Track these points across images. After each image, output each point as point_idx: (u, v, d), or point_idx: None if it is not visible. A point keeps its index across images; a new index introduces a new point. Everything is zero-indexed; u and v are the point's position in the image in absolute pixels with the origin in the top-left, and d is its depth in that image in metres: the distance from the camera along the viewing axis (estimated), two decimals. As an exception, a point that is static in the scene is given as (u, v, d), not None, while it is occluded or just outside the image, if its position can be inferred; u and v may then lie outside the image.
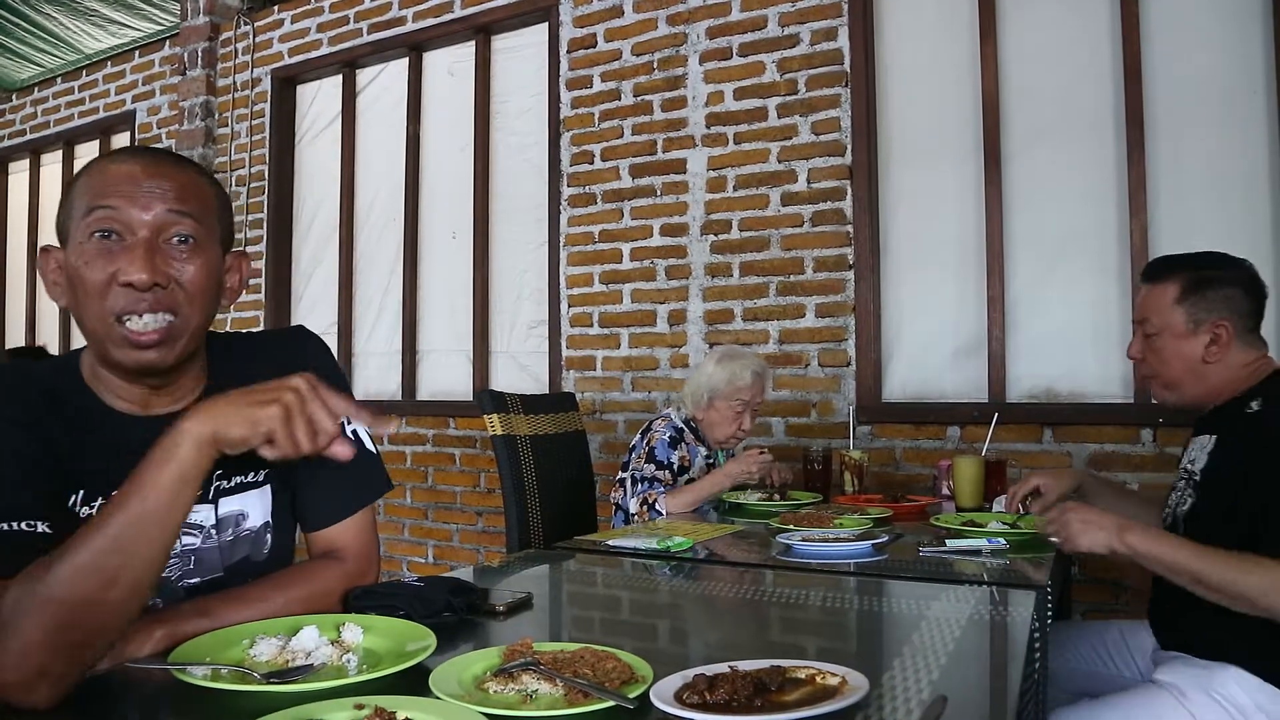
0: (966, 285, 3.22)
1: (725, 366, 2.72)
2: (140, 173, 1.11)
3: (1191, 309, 1.80)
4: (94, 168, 1.14)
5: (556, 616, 1.43)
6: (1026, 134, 3.15)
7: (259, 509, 1.27)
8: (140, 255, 1.08)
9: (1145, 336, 1.87)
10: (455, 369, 4.36)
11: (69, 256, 1.11)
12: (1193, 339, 1.80)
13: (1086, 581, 2.91)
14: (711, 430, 2.77)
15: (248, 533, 1.26)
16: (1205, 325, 1.79)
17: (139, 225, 1.09)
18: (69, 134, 5.83)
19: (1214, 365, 1.79)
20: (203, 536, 1.22)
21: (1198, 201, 2.89)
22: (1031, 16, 3.16)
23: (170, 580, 1.20)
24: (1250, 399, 1.73)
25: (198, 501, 1.19)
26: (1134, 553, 1.60)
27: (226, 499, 1.24)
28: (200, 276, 1.13)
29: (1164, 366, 1.85)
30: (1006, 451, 2.88)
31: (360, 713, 0.84)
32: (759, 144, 3.51)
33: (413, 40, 4.46)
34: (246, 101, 4.95)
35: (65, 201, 1.13)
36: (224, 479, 1.24)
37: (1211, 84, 2.88)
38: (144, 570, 0.95)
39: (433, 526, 4.31)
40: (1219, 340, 1.78)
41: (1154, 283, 1.88)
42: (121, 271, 1.07)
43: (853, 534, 1.91)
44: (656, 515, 2.51)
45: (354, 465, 1.30)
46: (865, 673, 0.92)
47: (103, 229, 1.08)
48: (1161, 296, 1.84)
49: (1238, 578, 1.50)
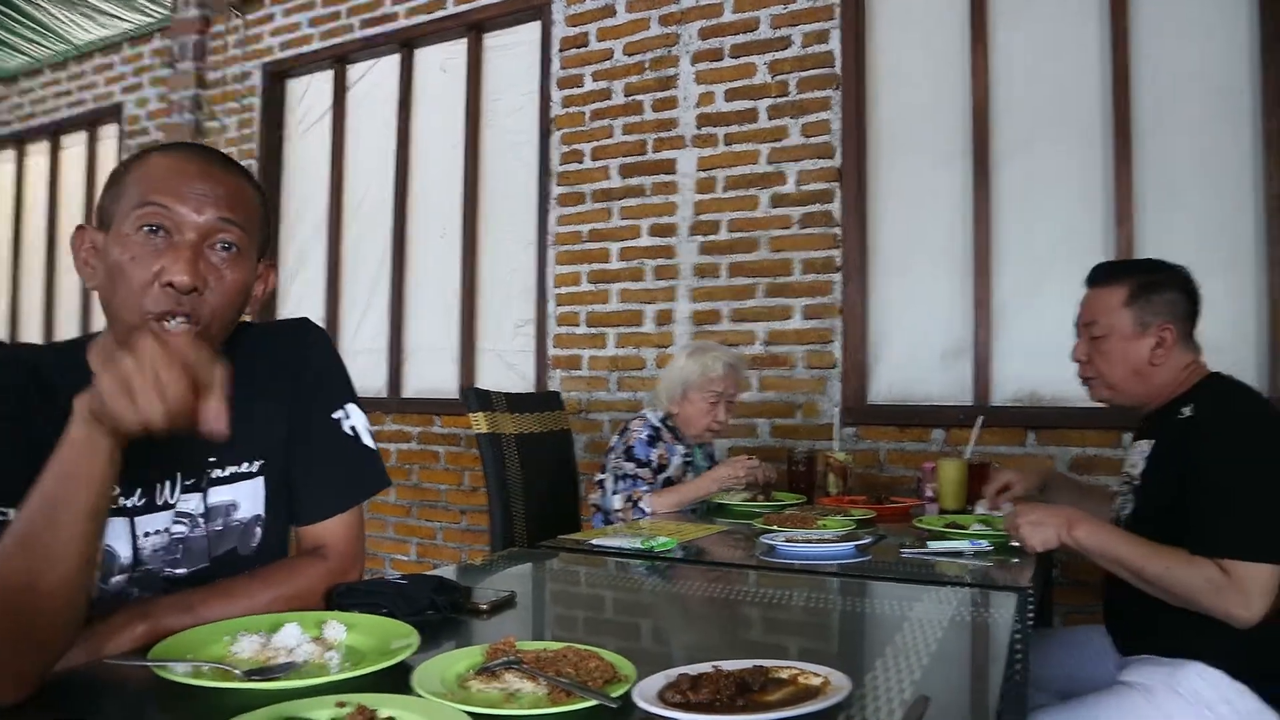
0: (953, 289, 3.23)
1: (696, 359, 2.74)
2: (195, 173, 1.12)
3: (1139, 312, 1.86)
4: (150, 160, 1.14)
5: (540, 615, 1.43)
6: (1015, 139, 3.16)
7: (250, 500, 1.26)
8: (186, 258, 1.08)
9: (1091, 339, 1.92)
10: (442, 367, 4.35)
11: (109, 242, 1.11)
12: (1139, 341, 1.85)
13: (1068, 584, 2.93)
14: (688, 425, 2.77)
15: (237, 524, 1.25)
16: (1152, 328, 1.85)
17: (188, 226, 1.10)
18: (56, 125, 5.78)
19: (1158, 368, 1.85)
20: (190, 525, 1.21)
21: (1184, 208, 2.91)
22: (1022, 23, 3.17)
23: (153, 571, 1.19)
24: (1183, 404, 1.79)
25: (190, 490, 1.20)
26: (1080, 546, 1.70)
27: (218, 488, 1.23)
28: (236, 285, 1.15)
29: (1109, 368, 1.90)
30: (990, 454, 2.90)
31: (342, 711, 0.83)
32: (749, 145, 3.52)
33: (404, 36, 4.45)
34: (236, 95, 4.93)
35: (113, 187, 1.13)
36: (218, 467, 1.22)
37: (1198, 92, 2.90)
38: (68, 553, 0.93)
39: (416, 524, 4.30)
40: (1164, 343, 1.84)
41: (1101, 286, 1.93)
42: (166, 271, 1.08)
43: (836, 535, 1.92)
44: (641, 514, 2.51)
45: (345, 462, 1.31)
46: (848, 673, 0.92)
47: (151, 224, 1.09)
48: (1108, 299, 1.89)
49: (1170, 572, 1.60)
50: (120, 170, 1.15)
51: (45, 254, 5.81)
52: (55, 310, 5.77)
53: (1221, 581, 1.55)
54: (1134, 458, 1.90)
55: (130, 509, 1.16)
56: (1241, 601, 1.54)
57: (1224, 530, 1.59)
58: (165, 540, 1.19)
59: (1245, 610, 1.54)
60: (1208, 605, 1.57)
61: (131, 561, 1.17)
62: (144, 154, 1.16)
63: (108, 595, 1.15)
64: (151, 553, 1.18)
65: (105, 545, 1.13)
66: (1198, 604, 1.58)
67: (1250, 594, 1.54)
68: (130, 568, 1.17)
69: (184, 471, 1.20)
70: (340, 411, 1.32)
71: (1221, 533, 1.59)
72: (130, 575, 1.17)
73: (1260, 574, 1.54)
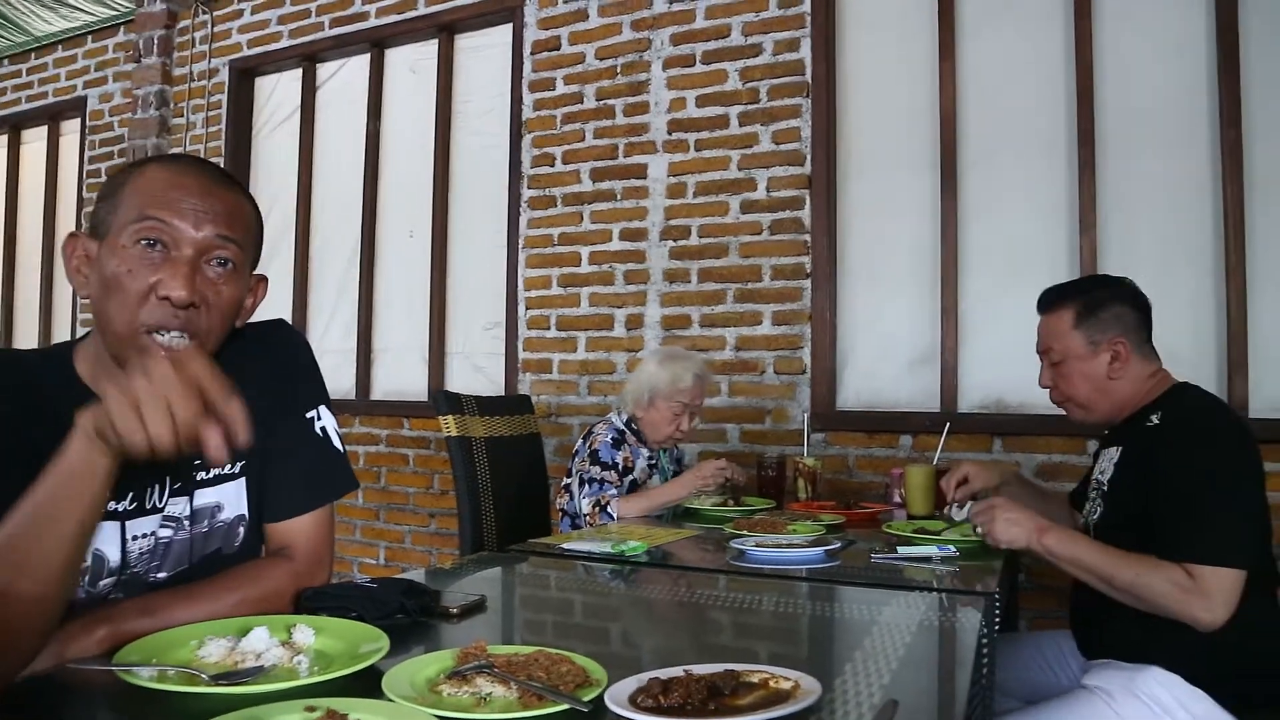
0: (921, 296, 3.27)
1: (667, 368, 2.74)
2: (194, 188, 1.13)
3: (1088, 331, 1.90)
4: (148, 172, 1.14)
5: (510, 619, 1.42)
6: (982, 149, 3.20)
7: (234, 501, 1.27)
8: (184, 273, 1.09)
9: (1051, 365, 1.97)
10: (410, 369, 4.32)
11: (104, 252, 1.11)
12: (1094, 359, 1.90)
13: (1033, 589, 2.97)
14: (652, 430, 2.78)
15: (221, 524, 1.26)
16: (1103, 344, 1.89)
17: (186, 242, 1.11)
18: (15, 118, 5.67)
19: (1118, 381, 1.89)
20: (175, 528, 1.21)
21: (1145, 218, 2.97)
22: (990, 36, 3.22)
23: (138, 574, 1.18)
24: (1151, 413, 1.83)
25: (177, 494, 1.20)
26: (1049, 553, 1.72)
27: (202, 490, 1.24)
28: (232, 301, 1.16)
29: (1074, 390, 1.94)
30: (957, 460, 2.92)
31: (312, 715, 0.83)
32: (720, 151, 3.54)
33: (375, 36, 4.42)
34: (203, 92, 4.87)
35: (110, 197, 1.13)
36: (202, 469, 1.23)
37: (1159, 106, 2.96)
38: (50, 565, 0.93)
39: (384, 528, 4.26)
40: (1119, 357, 1.88)
41: (1048, 312, 1.98)
42: (163, 285, 1.08)
43: (806, 540, 1.93)
44: (609, 518, 2.51)
45: (316, 462, 1.31)
46: (818, 677, 0.93)
47: (149, 238, 1.09)
48: (1058, 324, 1.94)
49: (1140, 579, 1.62)
50: (118, 180, 1.15)
51: (3, 249, 5.69)
52: (14, 305, 5.66)
53: (1187, 585, 1.58)
54: (1103, 464, 1.94)
55: (121, 513, 1.16)
56: (1205, 605, 1.57)
57: (1189, 536, 1.62)
58: (151, 544, 1.19)
59: (1209, 614, 1.57)
60: (1175, 610, 1.60)
61: (119, 565, 1.16)
62: (142, 165, 1.16)
63: (95, 599, 1.15)
64: (138, 556, 1.18)
65: (96, 549, 1.13)
66: (1165, 609, 1.61)
67: (1214, 598, 1.56)
68: (118, 571, 1.16)
69: (172, 475, 1.20)
70: (313, 412, 1.33)
71: (1186, 538, 1.62)
72: (118, 579, 1.17)
73: (1224, 578, 1.57)
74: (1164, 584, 1.60)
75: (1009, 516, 1.76)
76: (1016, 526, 1.74)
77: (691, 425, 2.79)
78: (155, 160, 1.17)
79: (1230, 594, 1.57)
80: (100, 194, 1.15)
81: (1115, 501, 1.86)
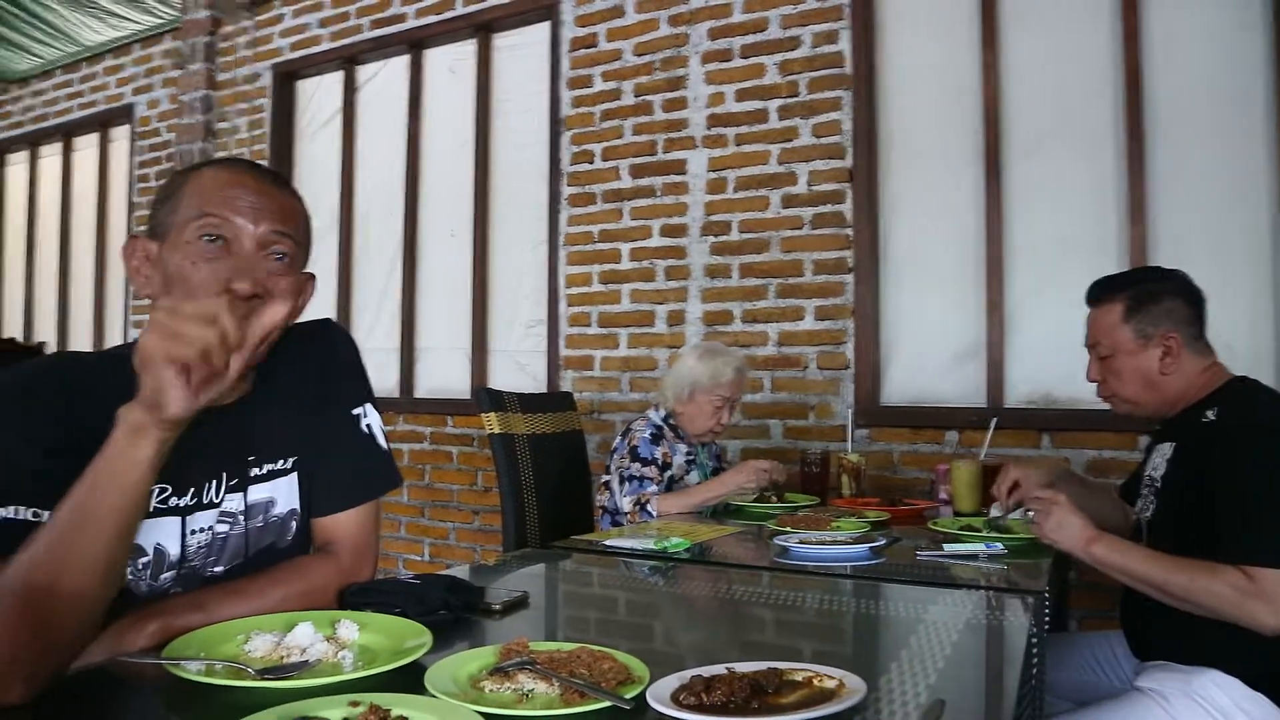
0: (966, 290, 3.22)
1: (707, 362, 2.73)
2: (251, 186, 1.18)
3: (1138, 325, 1.85)
4: (205, 174, 1.19)
5: (553, 616, 1.42)
6: (1027, 141, 3.15)
7: (286, 495, 1.29)
8: (247, 266, 1.15)
9: (1100, 359, 1.92)
10: (453, 367, 4.36)
11: (166, 252, 1.16)
12: (1145, 354, 1.84)
13: (1084, 587, 2.91)
14: (690, 424, 2.77)
15: (276, 519, 1.28)
16: (1155, 339, 1.83)
17: (246, 236, 1.16)
18: (68, 126, 5.81)
19: (1170, 376, 1.84)
20: (231, 523, 1.24)
21: (1196, 210, 2.89)
22: (1033, 25, 3.16)
23: (196, 568, 1.21)
24: (1206, 408, 1.77)
25: (233, 490, 1.22)
26: (1096, 562, 1.69)
27: (256, 486, 1.26)
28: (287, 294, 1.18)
29: (1123, 385, 1.89)
30: (1004, 456, 2.88)
31: (355, 710, 0.83)
32: (759, 146, 3.51)
33: (414, 37, 4.45)
34: (247, 96, 4.94)
35: (168, 200, 1.18)
36: (256, 465, 1.26)
37: (1211, 94, 2.88)
38: (92, 561, 0.95)
39: (429, 525, 4.30)
40: (1170, 352, 1.82)
41: (1097, 305, 1.93)
42: (231, 278, 1.12)
43: (850, 537, 1.91)
44: (648, 516, 2.50)
45: (362, 458, 1.34)
46: (862, 676, 0.91)
47: (210, 233, 1.14)
48: (1107, 317, 1.89)
49: (1195, 584, 1.57)
50: (175, 183, 1.19)
51: (59, 254, 5.83)
52: (69, 310, 5.80)
53: (1247, 589, 1.52)
54: (1156, 460, 1.89)
55: (182, 508, 1.19)
56: (1269, 610, 1.50)
57: (1250, 537, 1.56)
58: (208, 538, 1.22)
59: (1273, 618, 1.50)
60: (1233, 614, 1.54)
61: (179, 559, 1.19)
62: (198, 168, 1.21)
63: (157, 591, 1.18)
64: (196, 550, 1.21)
65: (158, 544, 1.17)
66: (1224, 614, 1.55)
67: (1277, 601, 1.50)
68: (177, 565, 1.19)
69: (228, 471, 1.23)
70: (360, 409, 1.36)
71: (1247, 539, 1.56)
72: (177, 573, 1.19)
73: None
74: (1222, 588, 1.54)
75: (1061, 520, 1.71)
76: (1065, 531, 1.71)
77: (730, 419, 2.78)
78: (211, 163, 1.22)
79: None
80: (158, 197, 1.20)
81: (1168, 499, 1.81)
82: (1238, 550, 1.56)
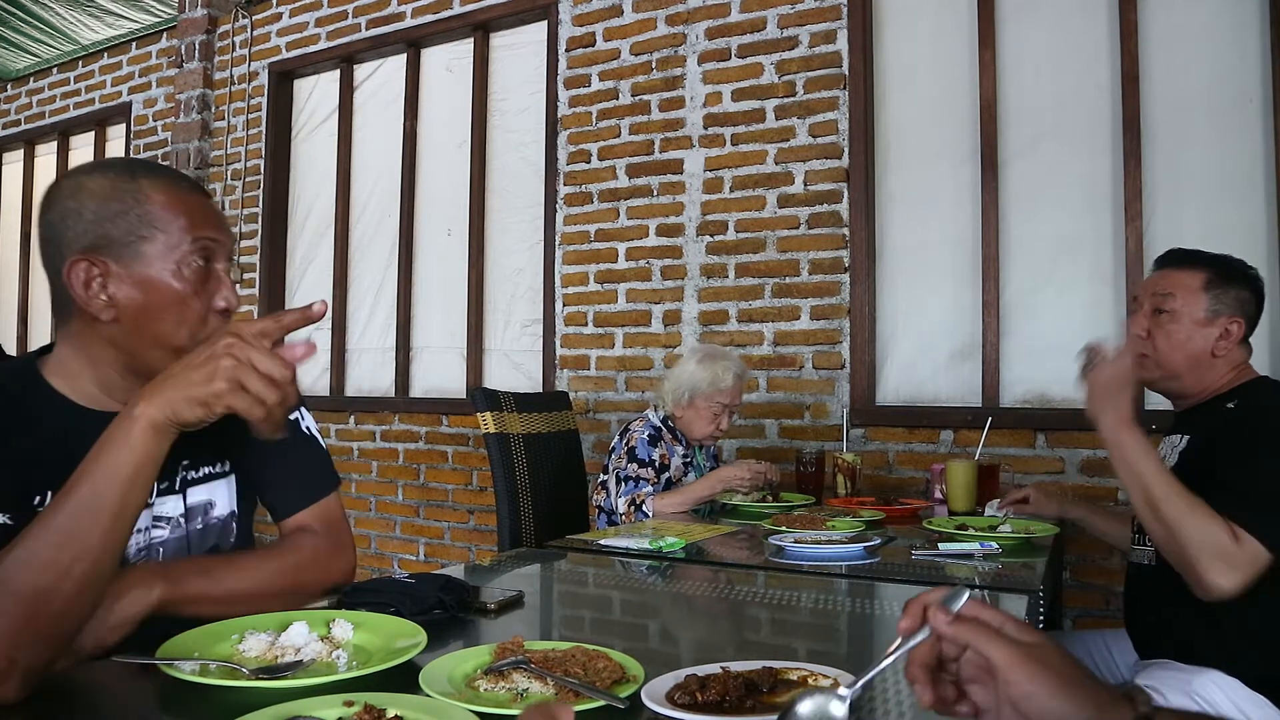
0: (961, 289, 3.22)
1: (708, 367, 2.73)
2: (204, 200, 1.19)
3: (1214, 300, 1.82)
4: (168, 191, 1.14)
5: (548, 615, 1.42)
6: (1023, 139, 3.15)
7: (225, 498, 1.30)
8: (229, 284, 1.16)
9: (1156, 313, 1.85)
10: (449, 366, 4.35)
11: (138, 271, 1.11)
12: (1207, 329, 1.81)
13: (1078, 586, 2.92)
14: (689, 428, 2.77)
15: (216, 521, 1.28)
16: (1221, 319, 1.81)
17: (223, 253, 1.18)
18: (64, 125, 5.80)
19: (1217, 360, 1.82)
20: (171, 527, 1.23)
21: (1193, 208, 2.90)
22: (1030, 23, 3.16)
23: None
24: (1227, 400, 1.78)
25: (166, 493, 1.22)
26: (1117, 446, 1.64)
27: (194, 489, 1.26)
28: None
29: (1171, 349, 1.84)
30: (999, 456, 2.89)
31: (350, 710, 0.83)
32: (756, 145, 3.51)
33: (411, 36, 4.45)
34: (243, 95, 4.93)
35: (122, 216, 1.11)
36: (191, 469, 1.26)
37: (1208, 92, 2.89)
38: (98, 559, 0.95)
39: (424, 524, 4.29)
40: (1228, 335, 1.81)
41: (1180, 267, 1.88)
42: (221, 298, 1.15)
43: (845, 536, 1.91)
44: (644, 516, 2.51)
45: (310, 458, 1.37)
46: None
47: (205, 256, 1.15)
48: (1189, 279, 1.84)
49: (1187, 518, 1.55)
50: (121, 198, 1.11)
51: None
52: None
53: (1228, 548, 1.52)
54: (1164, 450, 1.87)
55: None
56: (1229, 575, 1.51)
57: (1251, 502, 1.55)
58: (145, 540, 1.21)
59: (1227, 583, 1.52)
60: (1198, 564, 1.53)
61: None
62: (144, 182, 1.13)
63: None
64: (134, 554, 1.19)
65: None
66: (1188, 557, 1.55)
67: (1241, 570, 1.51)
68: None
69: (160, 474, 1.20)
70: (296, 414, 1.36)
71: (1248, 503, 1.55)
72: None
73: (1261, 557, 1.52)
74: (1207, 535, 1.53)
75: (1111, 384, 1.66)
76: (1109, 399, 1.65)
77: (729, 424, 2.78)
78: (148, 175, 1.15)
79: (1253, 572, 1.52)
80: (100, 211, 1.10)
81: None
82: (1236, 508, 1.55)
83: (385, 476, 4.39)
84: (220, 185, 4.93)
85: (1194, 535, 1.54)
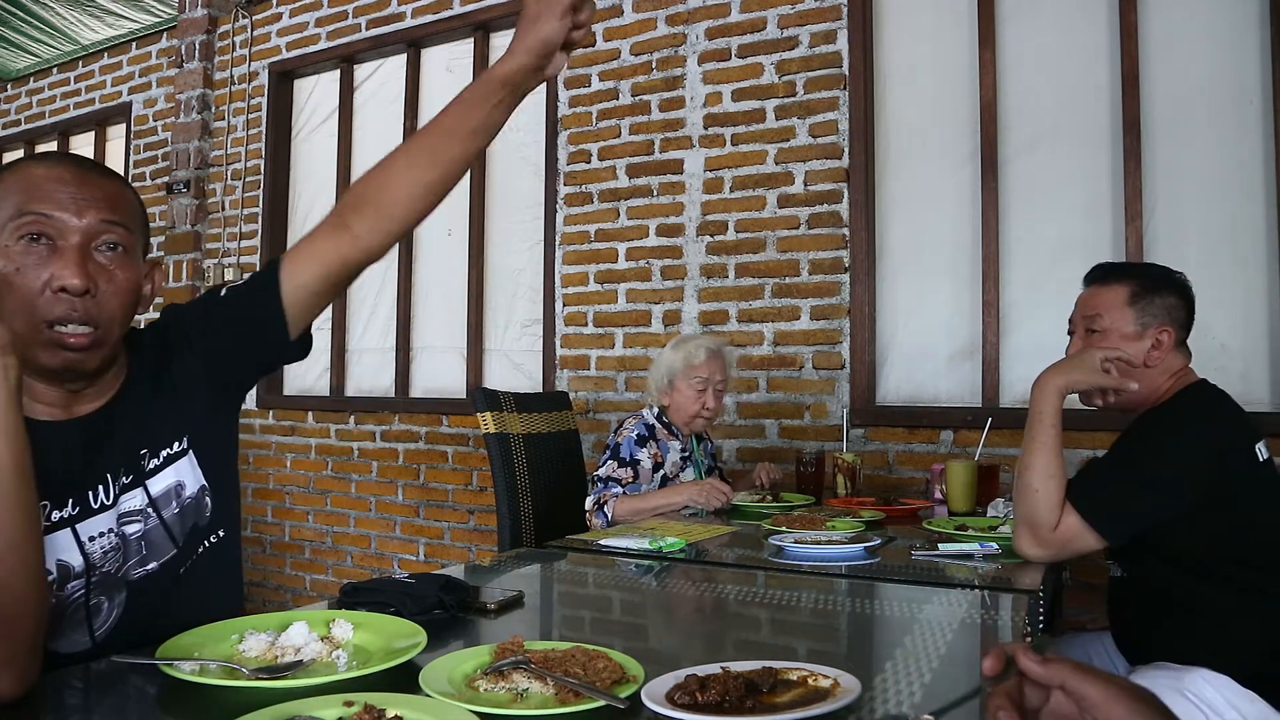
0: (962, 290, 3.22)
1: (680, 349, 2.77)
2: (71, 179, 1.11)
3: (1140, 313, 1.86)
4: (21, 171, 1.12)
5: (548, 615, 1.42)
6: (1024, 140, 3.15)
7: (191, 475, 1.26)
8: (75, 260, 1.08)
9: (1088, 333, 1.92)
10: (449, 366, 4.35)
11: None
12: (1138, 342, 1.85)
13: (1078, 588, 2.91)
14: (678, 414, 2.78)
15: (190, 500, 1.25)
16: (1150, 330, 1.85)
17: (71, 231, 1.09)
18: (64, 125, 5.80)
19: (1151, 370, 1.85)
20: (143, 520, 1.20)
21: (1193, 209, 2.89)
22: (1030, 23, 3.16)
23: (110, 573, 1.17)
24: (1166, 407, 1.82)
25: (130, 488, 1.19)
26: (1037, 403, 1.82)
27: (157, 477, 1.23)
28: (127, 283, 1.14)
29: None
30: (999, 456, 2.88)
31: (349, 710, 0.83)
32: (756, 145, 3.51)
33: (411, 36, 4.45)
34: (243, 95, 4.93)
35: None
36: (153, 456, 1.22)
37: (1208, 93, 2.89)
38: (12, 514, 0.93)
39: (424, 524, 4.29)
40: (1160, 345, 1.84)
41: (1104, 284, 1.93)
42: (56, 276, 1.07)
43: (845, 537, 1.91)
44: (603, 517, 2.51)
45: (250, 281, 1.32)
46: (857, 675, 0.91)
47: (32, 232, 1.08)
48: (1112, 296, 1.90)
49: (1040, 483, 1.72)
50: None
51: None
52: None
53: (1044, 528, 1.68)
54: None
55: (67, 519, 1.14)
56: (1034, 546, 1.69)
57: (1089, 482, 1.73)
58: (114, 541, 1.17)
59: (1031, 550, 1.69)
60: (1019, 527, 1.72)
61: (84, 568, 1.15)
62: (16, 166, 1.13)
63: (71, 604, 1.14)
64: (103, 556, 1.16)
65: (58, 559, 1.13)
66: (1016, 517, 1.73)
67: (1048, 546, 1.67)
68: (85, 574, 1.15)
69: (117, 471, 1.19)
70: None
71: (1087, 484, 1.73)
72: (87, 580, 1.15)
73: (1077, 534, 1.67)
74: (1037, 511, 1.69)
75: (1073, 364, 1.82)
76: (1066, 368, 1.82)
77: (718, 404, 2.77)
78: (30, 159, 1.15)
79: (1065, 547, 1.67)
80: None
81: None
82: (1075, 491, 1.70)
83: (385, 476, 4.39)
84: (220, 185, 4.93)
85: (1028, 506, 1.70)
